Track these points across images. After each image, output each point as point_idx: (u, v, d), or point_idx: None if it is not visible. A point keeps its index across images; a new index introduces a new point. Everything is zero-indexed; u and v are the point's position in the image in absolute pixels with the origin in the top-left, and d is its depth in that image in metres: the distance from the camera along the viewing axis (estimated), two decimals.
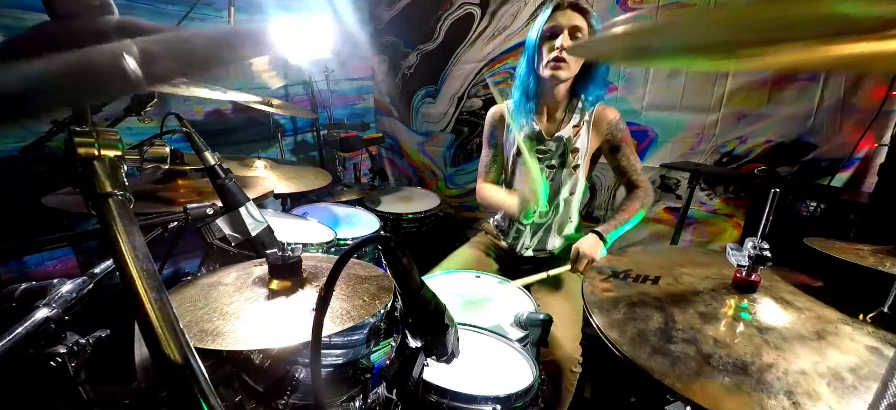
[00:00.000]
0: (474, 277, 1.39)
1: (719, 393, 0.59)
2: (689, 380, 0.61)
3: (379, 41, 2.99)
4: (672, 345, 0.68)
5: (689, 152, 1.99)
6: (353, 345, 0.96)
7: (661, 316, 0.75)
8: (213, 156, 0.97)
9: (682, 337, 0.70)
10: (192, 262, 2.01)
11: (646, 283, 0.88)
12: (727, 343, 0.68)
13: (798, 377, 0.61)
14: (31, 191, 1.24)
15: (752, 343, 0.68)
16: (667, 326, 0.73)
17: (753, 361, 0.64)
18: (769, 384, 0.60)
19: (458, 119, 2.77)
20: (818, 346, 0.67)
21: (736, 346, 0.67)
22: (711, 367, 0.63)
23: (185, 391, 0.38)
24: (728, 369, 0.63)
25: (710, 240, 2.01)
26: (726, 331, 0.71)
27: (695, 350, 0.67)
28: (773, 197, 0.75)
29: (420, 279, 0.61)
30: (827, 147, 1.69)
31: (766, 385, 0.60)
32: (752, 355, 0.65)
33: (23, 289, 0.62)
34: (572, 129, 1.47)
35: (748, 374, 0.62)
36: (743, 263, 0.77)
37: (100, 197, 0.42)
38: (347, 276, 0.90)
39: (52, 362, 0.58)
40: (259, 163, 1.78)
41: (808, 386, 0.59)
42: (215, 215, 0.96)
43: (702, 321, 0.74)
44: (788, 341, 0.68)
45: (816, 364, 0.63)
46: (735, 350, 0.66)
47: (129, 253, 0.40)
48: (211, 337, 0.68)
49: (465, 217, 2.88)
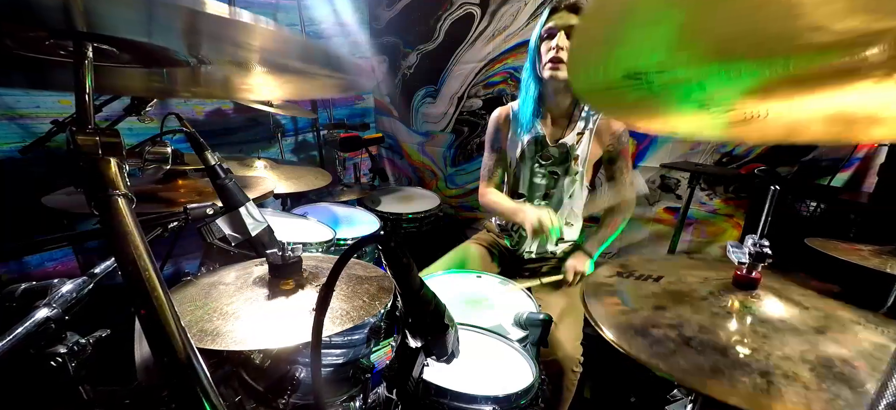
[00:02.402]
0: (475, 277, 1.39)
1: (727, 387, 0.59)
2: (693, 374, 0.61)
3: (379, 41, 2.99)
4: (725, 361, 0.67)
5: (689, 152, 1.99)
6: (353, 345, 0.96)
7: (661, 314, 0.75)
8: (214, 156, 0.97)
9: (686, 332, 0.70)
10: (192, 262, 2.01)
11: (647, 281, 0.89)
12: (730, 337, 0.68)
13: (798, 366, 0.61)
14: (31, 191, 1.24)
15: (753, 336, 0.68)
16: (668, 323, 0.73)
17: (756, 353, 0.64)
18: (770, 372, 0.60)
19: (458, 119, 2.77)
20: (815, 339, 0.67)
21: (738, 340, 0.67)
22: (719, 361, 0.63)
23: (187, 390, 0.38)
24: (733, 364, 0.63)
25: (710, 240, 2.01)
26: (728, 326, 0.71)
27: (699, 346, 0.67)
28: (772, 194, 0.75)
29: (420, 279, 0.61)
30: (827, 147, 1.69)
31: (764, 374, 0.60)
32: (754, 348, 0.65)
33: (23, 289, 0.62)
34: (576, 137, 1.48)
35: (753, 366, 0.62)
36: (743, 260, 0.78)
37: (102, 196, 0.42)
38: (347, 276, 0.90)
39: (52, 362, 0.58)
40: (259, 163, 1.78)
41: (793, 370, 0.60)
42: (215, 215, 0.96)
43: (703, 317, 0.74)
44: (785, 332, 0.69)
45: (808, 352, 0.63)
46: (737, 345, 0.66)
47: (131, 252, 0.40)
48: (210, 337, 0.68)
49: (465, 217, 2.88)
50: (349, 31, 2.85)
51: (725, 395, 0.58)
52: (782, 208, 1.16)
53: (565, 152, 1.48)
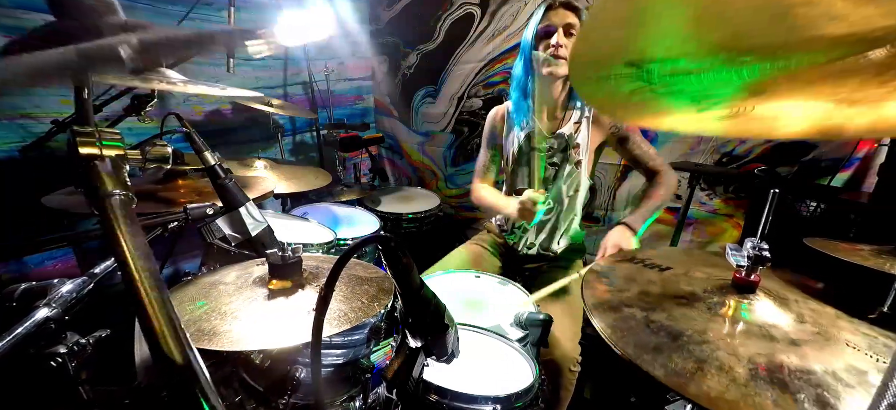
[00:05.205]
0: (474, 277, 1.39)
1: (718, 392, 0.59)
2: (687, 378, 0.62)
3: (379, 41, 2.99)
4: (671, 345, 0.68)
5: (689, 152, 1.99)
6: (353, 345, 0.96)
7: (659, 315, 0.76)
8: (214, 156, 0.97)
9: (682, 337, 0.70)
10: (192, 262, 2.01)
11: (653, 269, 0.92)
12: (726, 341, 0.68)
13: (796, 373, 0.61)
14: (31, 191, 1.23)
15: (751, 341, 0.68)
16: (665, 325, 0.73)
17: (750, 359, 0.64)
18: (763, 380, 0.60)
19: (458, 119, 2.77)
20: (816, 345, 0.67)
21: (733, 345, 0.68)
22: (709, 365, 0.64)
23: (186, 390, 0.38)
24: (725, 366, 0.63)
25: (710, 240, 2.02)
26: (725, 330, 0.71)
27: (693, 349, 0.67)
28: (772, 197, 0.75)
29: (420, 279, 0.61)
30: (827, 147, 1.69)
31: (759, 382, 0.60)
32: (749, 353, 0.66)
33: (23, 289, 0.62)
34: (573, 126, 1.48)
35: (740, 370, 0.62)
36: (742, 263, 0.78)
37: (102, 196, 0.42)
38: (347, 277, 0.90)
39: (52, 362, 0.58)
40: (259, 163, 1.78)
41: (806, 381, 0.60)
42: (215, 215, 0.95)
43: (701, 320, 0.74)
44: (784, 340, 0.69)
45: (812, 361, 0.63)
46: (732, 348, 0.66)
47: (132, 252, 0.40)
48: (208, 337, 0.69)
49: (465, 217, 2.87)
50: (349, 31, 2.85)
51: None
52: (782, 208, 1.16)
53: (564, 142, 1.48)
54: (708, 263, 0.96)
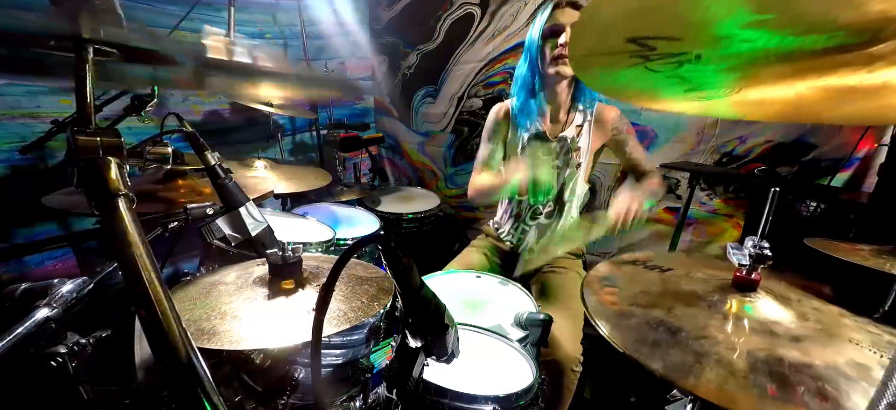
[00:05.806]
0: (474, 277, 1.39)
1: (721, 388, 0.59)
2: (685, 372, 0.62)
3: (379, 41, 2.99)
4: (669, 340, 0.69)
5: (689, 152, 1.99)
6: (353, 345, 0.96)
7: (658, 312, 0.76)
8: (214, 156, 0.97)
9: (683, 334, 0.70)
10: (192, 262, 2.01)
11: (654, 271, 0.92)
12: (725, 336, 0.68)
13: (797, 367, 0.61)
14: (31, 191, 1.23)
15: (751, 336, 0.69)
16: (664, 322, 0.73)
17: (750, 353, 0.65)
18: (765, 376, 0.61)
19: (458, 119, 2.77)
20: (818, 341, 0.67)
21: (733, 340, 0.68)
22: (708, 359, 0.64)
23: (187, 390, 0.38)
24: (724, 360, 0.63)
25: (710, 240, 2.01)
26: (724, 326, 0.72)
27: (692, 343, 0.67)
28: (772, 196, 0.75)
29: (420, 279, 0.62)
30: (827, 147, 1.69)
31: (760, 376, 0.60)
32: (748, 347, 0.66)
33: (23, 289, 0.62)
34: (575, 129, 1.48)
35: (740, 364, 0.62)
36: (743, 262, 0.78)
37: (103, 196, 0.42)
38: (347, 277, 0.90)
39: (52, 362, 0.58)
40: (259, 163, 1.78)
41: (804, 377, 0.60)
42: (215, 215, 0.96)
43: (701, 317, 0.74)
44: (785, 336, 0.69)
45: (813, 356, 0.63)
46: (732, 343, 0.67)
47: (131, 252, 0.40)
48: (207, 336, 0.68)
49: (465, 217, 2.87)
50: (349, 31, 2.84)
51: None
52: (782, 208, 1.16)
53: (566, 146, 1.48)
54: (708, 265, 0.96)
